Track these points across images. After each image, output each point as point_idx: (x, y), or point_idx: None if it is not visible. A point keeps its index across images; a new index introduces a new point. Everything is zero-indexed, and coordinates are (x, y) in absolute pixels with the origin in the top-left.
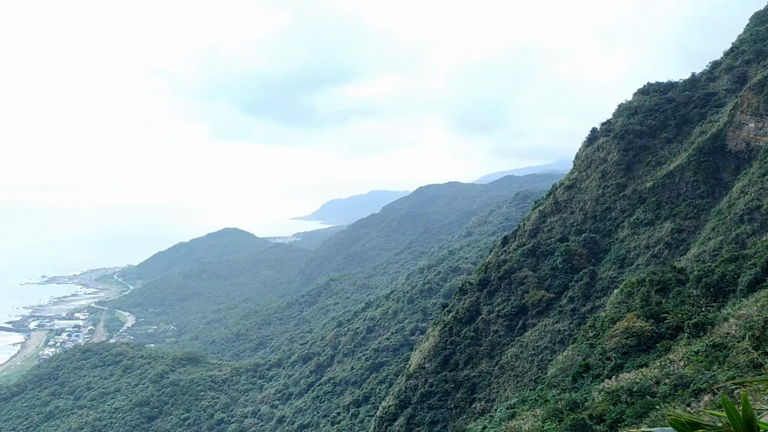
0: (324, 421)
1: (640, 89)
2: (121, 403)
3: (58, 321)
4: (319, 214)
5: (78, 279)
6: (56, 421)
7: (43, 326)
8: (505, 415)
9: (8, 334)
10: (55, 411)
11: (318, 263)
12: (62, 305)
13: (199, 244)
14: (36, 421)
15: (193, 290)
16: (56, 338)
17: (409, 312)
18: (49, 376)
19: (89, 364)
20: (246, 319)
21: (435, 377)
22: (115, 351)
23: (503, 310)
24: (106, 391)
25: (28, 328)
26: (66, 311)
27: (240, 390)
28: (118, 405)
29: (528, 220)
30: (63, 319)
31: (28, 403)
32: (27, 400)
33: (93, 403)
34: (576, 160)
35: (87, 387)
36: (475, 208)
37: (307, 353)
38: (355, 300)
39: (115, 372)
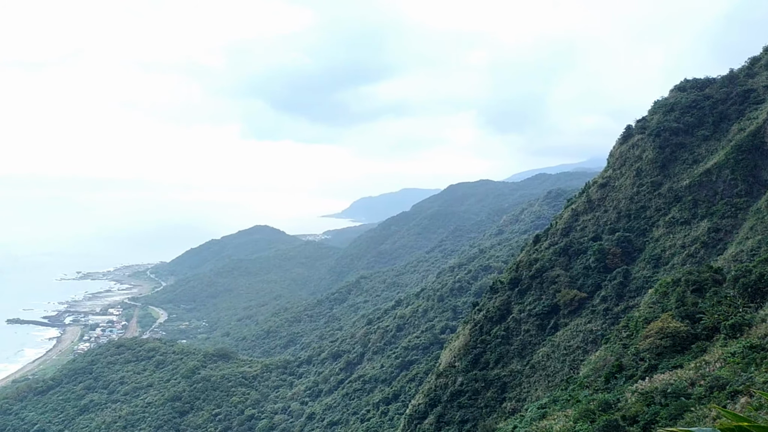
0: (354, 419)
1: (676, 86)
2: (153, 398)
3: (92, 316)
4: (350, 212)
5: (112, 275)
6: (91, 415)
7: (78, 321)
8: (536, 415)
9: (44, 328)
10: (90, 405)
11: (348, 261)
12: (96, 301)
13: (230, 241)
14: (71, 414)
15: (224, 287)
16: (90, 333)
17: (440, 310)
18: (84, 371)
19: (123, 359)
20: (276, 316)
21: (465, 376)
22: (148, 346)
23: (534, 309)
24: (139, 385)
25: (64, 323)
26: (100, 307)
27: (270, 386)
28: (151, 400)
29: (560, 219)
30: (97, 314)
31: (63, 397)
32: (62, 394)
33: (126, 397)
34: (610, 158)
35: (120, 381)
36: (507, 207)
37: (337, 351)
38: (385, 298)
39: (147, 367)
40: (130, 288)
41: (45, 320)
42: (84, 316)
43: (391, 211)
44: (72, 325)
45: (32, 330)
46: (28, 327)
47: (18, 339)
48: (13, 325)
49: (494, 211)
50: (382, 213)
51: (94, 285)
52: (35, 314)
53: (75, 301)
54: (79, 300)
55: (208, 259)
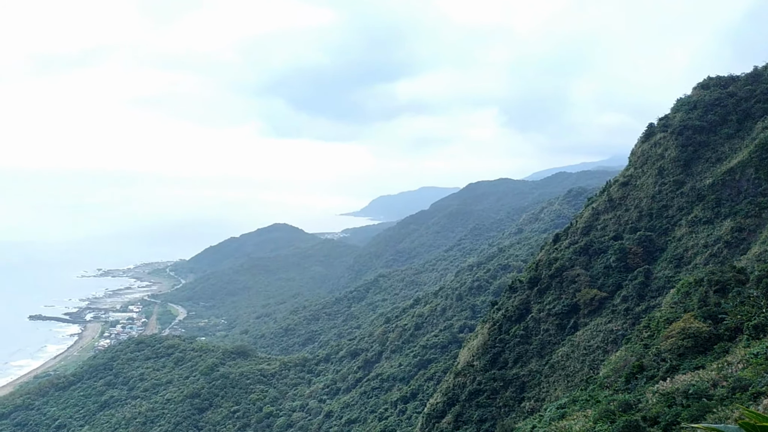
0: (371, 417)
1: (699, 83)
2: (172, 395)
3: (112, 313)
4: (368, 210)
5: (132, 272)
6: (111, 411)
7: (99, 318)
8: (555, 415)
9: (66, 325)
10: (110, 401)
11: (367, 259)
12: (117, 298)
13: (249, 239)
14: (92, 410)
15: (243, 285)
16: (111, 330)
17: (458, 309)
18: (104, 367)
19: (142, 356)
20: (295, 314)
21: (483, 375)
22: (168, 343)
23: (554, 309)
24: (159, 382)
25: (85, 320)
26: (120, 304)
27: (288, 384)
28: (170, 396)
29: (580, 218)
30: (117, 311)
31: (84, 393)
32: (83, 390)
33: (146, 393)
34: (632, 157)
35: (140, 378)
36: (526, 205)
37: (355, 349)
38: (404, 296)
39: (167, 364)
40: (149, 285)
41: (66, 317)
42: (104, 312)
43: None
44: (93, 321)
45: (54, 326)
46: (49, 323)
47: (40, 335)
48: (35, 322)
49: (513, 209)
50: (401, 211)
51: (114, 282)
52: (57, 311)
53: (96, 298)
54: (100, 297)
55: (227, 257)
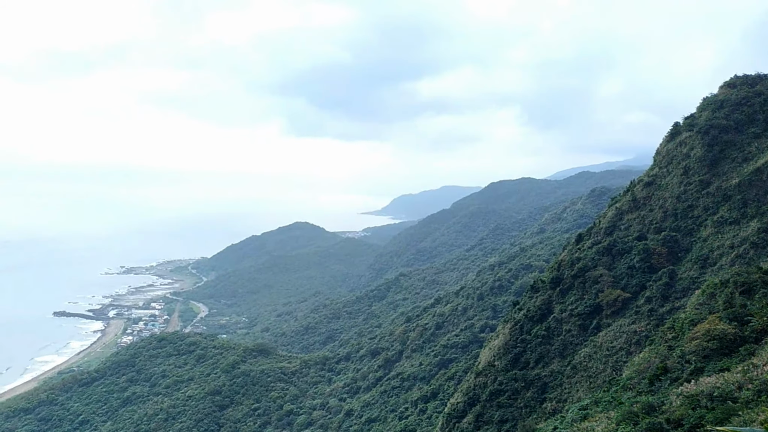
0: (392, 416)
1: (726, 82)
2: (194, 392)
3: (135, 310)
4: (390, 209)
5: (154, 270)
6: (133, 407)
7: (122, 315)
8: (577, 416)
9: (89, 321)
10: (132, 397)
11: (387, 258)
12: (139, 295)
13: (270, 238)
14: (114, 405)
15: (264, 283)
16: (133, 327)
17: (479, 309)
18: (127, 363)
19: (164, 353)
20: (315, 312)
21: (505, 375)
22: (189, 341)
23: (576, 309)
24: (180, 379)
25: (108, 317)
26: (143, 301)
27: (309, 382)
28: (192, 393)
29: (604, 218)
30: (140, 308)
31: (107, 389)
32: (106, 386)
33: (167, 390)
34: (656, 156)
35: (162, 375)
36: (549, 205)
37: (376, 348)
38: (425, 296)
39: (188, 361)
40: (172, 283)
41: (90, 313)
42: (127, 309)
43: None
44: (116, 318)
45: (77, 323)
46: (73, 320)
47: (64, 331)
48: (59, 318)
49: (536, 209)
50: (422, 210)
51: (137, 279)
52: (80, 307)
53: (119, 295)
54: (123, 294)
55: (248, 255)
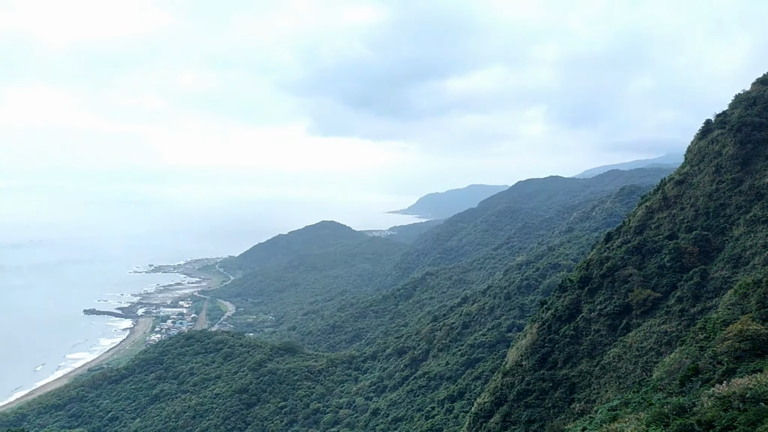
0: (418, 415)
1: (759, 79)
2: (221, 389)
3: (163, 308)
4: (416, 208)
5: (182, 269)
6: (161, 404)
7: (150, 313)
8: (606, 417)
9: (118, 319)
10: (161, 394)
11: (414, 257)
12: (167, 293)
13: (297, 237)
14: (143, 402)
15: (290, 281)
16: (162, 325)
17: (506, 308)
18: (155, 361)
19: (192, 351)
20: (342, 311)
21: (532, 375)
22: (217, 339)
23: (605, 309)
24: (208, 377)
25: (137, 315)
26: (171, 299)
27: (335, 381)
28: (219, 391)
29: (634, 216)
30: (168, 306)
31: (135, 386)
32: (135, 383)
33: (195, 388)
34: (687, 154)
35: (190, 372)
36: (577, 204)
37: (402, 347)
38: (451, 295)
39: (216, 359)
40: (199, 281)
41: (119, 311)
42: (155, 308)
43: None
44: (144, 316)
45: (107, 320)
46: (103, 317)
47: (94, 329)
48: (89, 316)
49: (564, 208)
50: (449, 209)
51: (165, 278)
52: (110, 305)
53: (147, 294)
54: (151, 292)
55: (275, 254)
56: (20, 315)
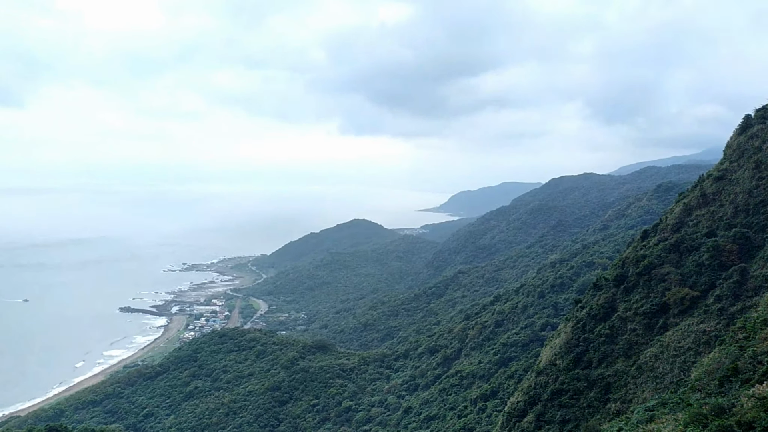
0: (451, 414)
1: None
2: (254, 387)
3: (197, 306)
4: (448, 206)
5: (215, 267)
6: (195, 401)
7: (184, 311)
8: (642, 418)
9: (153, 317)
10: (195, 391)
11: (446, 255)
12: (201, 292)
13: (329, 235)
14: (177, 399)
15: (322, 280)
16: (195, 323)
17: (540, 307)
18: (189, 358)
19: (225, 349)
20: (374, 309)
21: (566, 375)
22: (249, 337)
23: (641, 308)
24: (241, 374)
25: (171, 313)
26: (204, 297)
27: (367, 379)
28: (252, 388)
29: (671, 214)
30: (201, 304)
31: (170, 383)
32: (169, 380)
33: (228, 385)
34: (727, 150)
35: (223, 370)
36: (612, 201)
37: (434, 345)
38: (483, 293)
39: (249, 357)
40: (232, 279)
41: (153, 309)
42: (189, 306)
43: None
44: (178, 314)
45: (142, 318)
46: (138, 315)
47: (129, 326)
48: (124, 313)
49: (599, 205)
50: (481, 207)
51: (198, 276)
52: (145, 303)
53: (181, 292)
54: (185, 290)
55: (307, 252)
56: (61, 312)
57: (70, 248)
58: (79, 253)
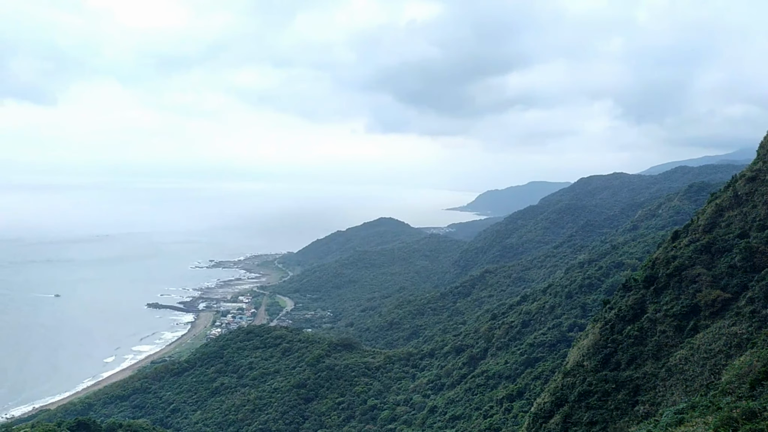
0: (476, 414)
1: None
2: (279, 384)
3: (223, 303)
4: (475, 205)
5: (242, 264)
6: (221, 397)
7: (211, 308)
8: (672, 421)
9: (180, 313)
10: (221, 388)
11: (473, 254)
12: (227, 288)
13: (355, 233)
14: (203, 395)
15: (348, 278)
16: (222, 319)
17: (567, 307)
18: (216, 355)
19: (251, 345)
20: (399, 308)
21: (594, 376)
22: (275, 334)
23: (672, 310)
24: (266, 371)
25: (198, 309)
26: (231, 294)
27: (393, 378)
28: (277, 386)
29: (702, 214)
30: (228, 301)
31: (196, 379)
32: (196, 376)
33: (254, 382)
34: (760, 150)
35: (249, 367)
36: (642, 201)
37: (460, 345)
38: (510, 293)
39: (275, 354)
40: (259, 277)
41: (180, 305)
42: (216, 302)
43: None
44: (205, 311)
45: (169, 314)
46: (165, 311)
47: (157, 322)
48: (152, 309)
49: (628, 205)
50: (509, 206)
51: (225, 273)
52: (172, 299)
53: (208, 288)
54: (212, 287)
55: (333, 250)
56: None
57: (97, 244)
58: (106, 249)
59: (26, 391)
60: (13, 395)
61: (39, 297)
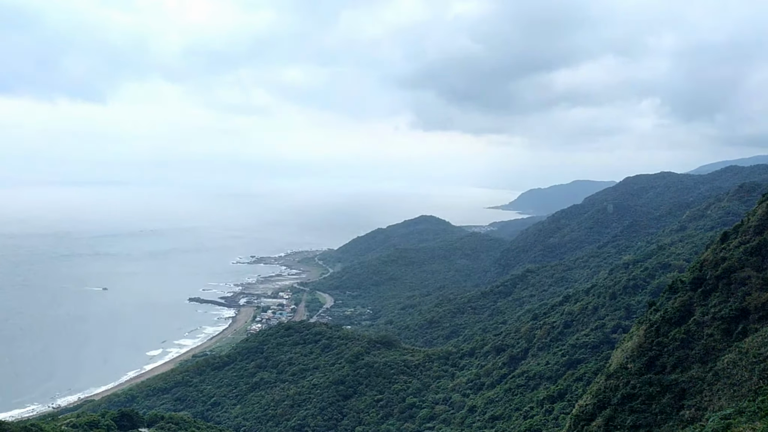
0: (516, 414)
1: None
2: (318, 380)
3: (264, 299)
4: (517, 204)
5: (282, 260)
6: (261, 392)
7: (251, 303)
8: (718, 426)
9: (221, 308)
10: (260, 382)
11: (514, 254)
12: (268, 284)
13: (395, 231)
14: (243, 390)
15: (388, 275)
16: (262, 315)
17: (611, 308)
18: (256, 350)
19: (291, 341)
20: (439, 306)
21: (638, 379)
22: (315, 330)
23: (720, 313)
24: (306, 367)
25: (239, 304)
26: (271, 290)
27: (432, 376)
28: (316, 382)
29: (753, 215)
30: (268, 297)
31: (237, 373)
32: (236, 371)
33: (293, 377)
34: None
35: (288, 362)
36: (691, 201)
37: (501, 344)
38: (552, 293)
39: (314, 350)
40: (299, 273)
41: (222, 300)
42: (257, 298)
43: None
44: (246, 306)
45: (211, 309)
46: (207, 306)
47: (199, 317)
48: (194, 304)
49: (675, 205)
50: (552, 205)
51: (266, 269)
52: (213, 294)
53: (249, 284)
54: (253, 283)
55: (373, 248)
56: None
57: (144, 239)
58: (152, 244)
59: (74, 383)
60: (61, 386)
61: (88, 290)
